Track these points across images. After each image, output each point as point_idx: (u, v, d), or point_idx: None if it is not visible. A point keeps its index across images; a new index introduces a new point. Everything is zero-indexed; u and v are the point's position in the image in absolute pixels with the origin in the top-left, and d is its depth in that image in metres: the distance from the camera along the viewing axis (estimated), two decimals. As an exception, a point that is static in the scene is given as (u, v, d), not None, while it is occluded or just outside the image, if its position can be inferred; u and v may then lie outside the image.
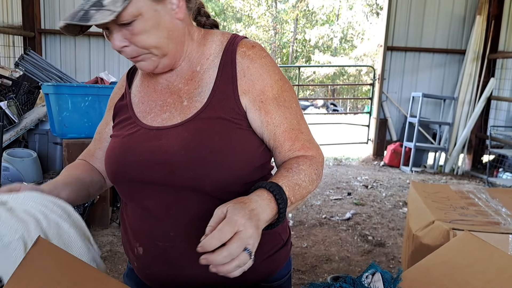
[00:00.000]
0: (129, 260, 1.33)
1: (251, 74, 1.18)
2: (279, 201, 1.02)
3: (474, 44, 7.80)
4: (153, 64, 1.18)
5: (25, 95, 4.83)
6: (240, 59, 1.19)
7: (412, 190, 2.43)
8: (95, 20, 1.03)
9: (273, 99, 1.19)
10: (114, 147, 1.25)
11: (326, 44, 25.85)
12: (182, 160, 1.12)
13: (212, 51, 1.23)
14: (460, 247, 1.21)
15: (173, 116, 1.19)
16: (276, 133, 1.18)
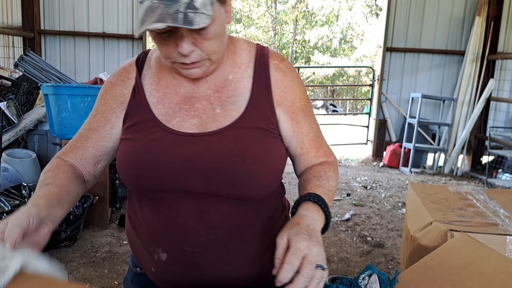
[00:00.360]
0: (142, 264, 1.29)
1: (284, 87, 1.24)
2: (324, 209, 1.13)
3: (473, 45, 7.80)
4: (204, 71, 1.16)
5: (24, 95, 4.84)
6: (274, 71, 1.24)
7: (411, 191, 2.43)
8: (197, 24, 0.98)
9: (301, 110, 1.27)
10: (136, 152, 1.17)
11: (326, 45, 25.87)
12: (225, 169, 1.12)
13: (243, 60, 1.25)
14: (456, 249, 1.21)
15: (205, 122, 1.17)
16: (304, 142, 1.28)
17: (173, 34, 1.05)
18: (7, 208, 3.42)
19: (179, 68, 1.14)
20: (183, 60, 1.09)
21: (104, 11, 7.72)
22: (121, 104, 1.25)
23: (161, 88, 1.23)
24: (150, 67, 1.28)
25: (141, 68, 1.28)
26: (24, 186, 3.66)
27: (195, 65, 1.12)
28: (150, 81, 1.25)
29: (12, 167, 4.14)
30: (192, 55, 1.09)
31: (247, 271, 1.23)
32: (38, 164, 4.44)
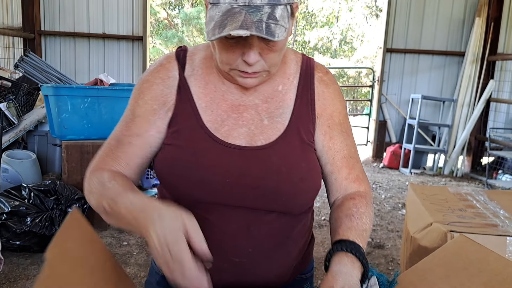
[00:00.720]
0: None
1: (324, 99, 1.23)
2: (362, 260, 1.07)
3: (473, 46, 7.80)
4: (259, 81, 1.13)
5: (24, 96, 4.84)
6: (317, 83, 1.23)
7: (411, 192, 2.43)
8: (277, 36, 0.95)
9: (338, 124, 1.24)
10: (185, 161, 1.12)
11: (326, 46, 25.85)
12: (275, 186, 1.12)
13: (291, 71, 1.23)
14: (455, 250, 1.21)
15: (253, 133, 1.15)
16: (335, 159, 1.23)
17: (241, 41, 1.02)
18: (7, 209, 3.42)
19: (236, 75, 1.10)
20: (245, 69, 1.06)
21: (104, 12, 7.73)
22: (164, 105, 1.18)
23: (209, 93, 1.18)
24: (194, 67, 1.21)
25: (183, 66, 1.21)
26: (24, 187, 3.66)
27: (254, 75, 1.09)
28: (197, 83, 1.19)
29: (12, 168, 4.14)
30: (256, 65, 1.06)
31: (283, 276, 1.26)
32: (38, 165, 4.44)
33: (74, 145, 3.97)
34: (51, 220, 3.55)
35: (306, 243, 1.33)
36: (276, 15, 0.96)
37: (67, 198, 3.71)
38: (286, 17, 0.99)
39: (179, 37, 20.99)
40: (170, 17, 23.29)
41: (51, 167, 4.74)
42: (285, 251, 1.23)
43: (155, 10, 20.82)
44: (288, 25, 1.00)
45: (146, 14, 7.77)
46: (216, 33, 0.96)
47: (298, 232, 1.25)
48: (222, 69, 1.12)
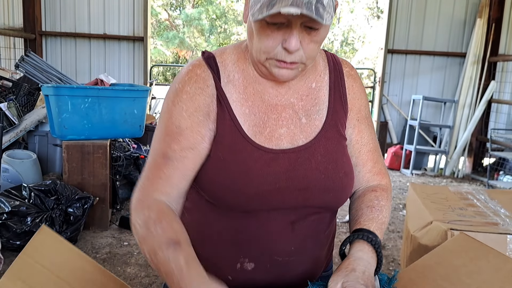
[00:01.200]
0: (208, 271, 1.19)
1: (354, 93, 1.25)
2: (378, 250, 1.09)
3: (474, 47, 7.79)
4: (294, 75, 1.11)
5: (25, 96, 4.84)
6: (346, 78, 1.25)
7: (411, 191, 2.43)
8: (325, 20, 0.96)
9: (366, 118, 1.27)
10: (233, 175, 1.09)
11: (327, 47, 25.85)
12: (323, 184, 1.13)
13: (321, 67, 1.24)
14: (455, 248, 1.21)
15: (293, 133, 1.15)
16: (362, 151, 1.25)
17: (283, 28, 1.01)
18: (7, 208, 3.42)
19: (272, 66, 1.08)
20: (284, 57, 1.04)
21: (105, 12, 7.74)
22: (208, 116, 1.13)
23: (249, 97, 1.15)
24: (229, 73, 1.17)
25: (217, 74, 1.16)
26: (25, 187, 3.66)
27: (291, 66, 1.06)
28: (236, 90, 1.16)
29: (12, 168, 4.14)
30: (295, 53, 1.04)
31: (318, 271, 1.29)
32: (38, 165, 4.44)
33: (74, 145, 3.97)
34: (52, 220, 3.55)
35: (332, 239, 1.37)
36: (324, 2, 0.96)
37: (68, 198, 3.71)
38: (331, 6, 0.99)
39: (180, 38, 21.01)
40: (171, 18, 23.30)
41: (52, 167, 4.74)
42: (321, 248, 1.25)
43: (156, 11, 20.84)
44: (333, 14, 1.01)
45: (147, 15, 7.78)
46: (264, 11, 0.96)
47: (332, 228, 1.28)
48: (258, 59, 1.09)
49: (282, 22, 0.99)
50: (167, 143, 1.12)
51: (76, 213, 3.69)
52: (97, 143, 4.00)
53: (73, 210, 3.69)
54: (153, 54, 19.93)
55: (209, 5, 22.05)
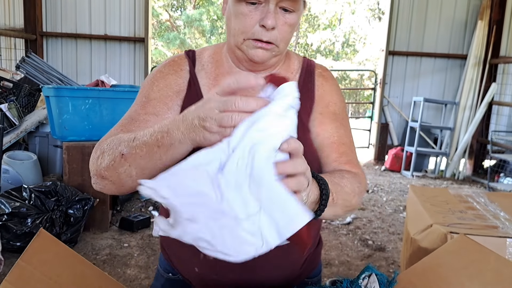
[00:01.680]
0: (181, 267, 1.27)
1: (323, 90, 1.32)
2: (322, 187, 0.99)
3: (475, 49, 7.80)
4: (268, 57, 1.19)
5: (25, 97, 4.84)
6: (317, 77, 1.34)
7: (411, 193, 2.43)
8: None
9: (332, 113, 1.31)
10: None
11: (328, 49, 25.86)
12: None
13: (295, 67, 1.34)
14: (455, 250, 1.21)
15: None
16: (324, 143, 1.27)
17: (260, 7, 1.11)
18: (7, 210, 3.42)
19: (249, 46, 1.16)
20: (262, 35, 1.13)
21: (106, 13, 7.75)
22: (178, 94, 1.23)
23: (219, 83, 1.24)
24: (203, 64, 1.29)
25: (193, 63, 1.28)
26: (25, 188, 3.66)
27: (267, 46, 1.15)
28: (207, 76, 1.27)
29: (13, 169, 4.15)
30: (271, 32, 1.13)
31: (290, 271, 1.27)
32: (39, 166, 4.44)
33: (75, 146, 3.97)
34: (52, 221, 3.55)
35: (314, 245, 1.36)
36: None
37: (68, 200, 3.71)
38: None
39: (181, 39, 21.00)
40: (172, 19, 23.31)
41: (52, 168, 4.74)
42: (293, 249, 1.24)
43: (157, 12, 20.85)
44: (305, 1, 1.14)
45: (148, 15, 7.78)
46: None
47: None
48: (235, 42, 1.18)
49: (259, 1, 1.10)
50: (134, 109, 1.21)
51: (76, 215, 3.69)
52: (98, 144, 3.99)
53: (73, 211, 3.69)
54: (154, 55, 19.94)
55: (210, 6, 22.05)
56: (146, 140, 0.96)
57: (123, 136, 1.03)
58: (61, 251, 1.12)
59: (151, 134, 0.95)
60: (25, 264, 0.97)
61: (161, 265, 1.39)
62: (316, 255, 1.38)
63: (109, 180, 1.04)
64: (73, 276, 1.07)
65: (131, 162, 0.99)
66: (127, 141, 1.00)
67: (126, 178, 1.02)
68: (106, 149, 1.04)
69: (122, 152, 0.99)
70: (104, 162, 1.03)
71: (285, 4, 1.11)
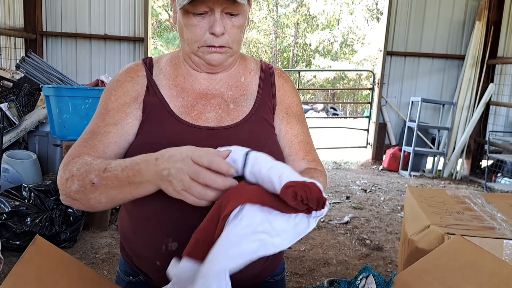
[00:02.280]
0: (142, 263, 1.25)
1: (284, 90, 1.40)
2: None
3: (473, 50, 7.82)
4: (225, 59, 1.26)
5: (25, 97, 4.86)
6: (277, 78, 1.40)
7: (408, 194, 2.44)
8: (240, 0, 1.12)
9: (295, 114, 1.39)
10: (155, 142, 1.16)
11: (327, 49, 25.87)
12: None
13: (252, 67, 1.40)
14: (452, 251, 1.22)
15: (220, 116, 1.27)
16: (293, 142, 1.35)
17: (206, 16, 1.17)
18: (7, 209, 3.43)
19: (204, 53, 1.22)
20: (213, 42, 1.19)
21: (106, 13, 7.75)
22: (136, 99, 1.26)
23: (179, 84, 1.30)
24: (161, 67, 1.33)
25: (150, 69, 1.32)
26: (25, 187, 3.68)
27: (221, 50, 1.21)
28: (166, 78, 1.31)
29: (12, 168, 4.16)
30: (222, 37, 1.19)
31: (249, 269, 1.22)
32: (38, 165, 4.45)
33: (74, 145, 3.98)
34: (51, 220, 3.56)
35: None
36: None
37: (68, 199, 3.72)
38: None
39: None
40: (171, 18, 23.28)
41: (52, 168, 4.75)
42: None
43: (156, 12, 20.83)
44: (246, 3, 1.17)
45: (148, 15, 7.79)
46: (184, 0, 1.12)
47: None
48: (190, 50, 1.24)
49: (205, 11, 1.16)
50: (94, 122, 1.24)
51: (75, 214, 3.70)
52: (97, 144, 4.01)
53: (72, 210, 3.70)
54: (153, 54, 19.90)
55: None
56: (117, 174, 1.02)
57: (93, 163, 1.08)
58: (57, 257, 1.11)
59: (122, 169, 1.02)
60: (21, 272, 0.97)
61: (120, 268, 1.37)
62: (278, 254, 1.33)
63: (79, 202, 1.10)
64: (70, 282, 1.07)
65: (102, 191, 1.05)
66: (98, 170, 1.05)
67: (96, 204, 1.08)
68: (75, 173, 1.08)
69: (92, 181, 1.04)
70: (74, 186, 1.07)
71: (230, 9, 1.17)
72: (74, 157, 1.14)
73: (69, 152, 1.19)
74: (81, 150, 1.17)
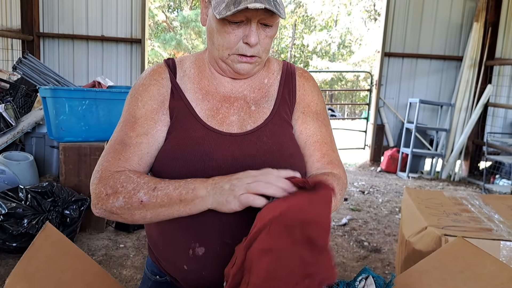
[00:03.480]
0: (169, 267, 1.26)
1: (304, 89, 1.39)
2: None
3: (471, 51, 7.83)
4: (253, 68, 1.27)
5: (22, 98, 4.84)
6: (298, 78, 1.40)
7: (406, 196, 2.44)
8: (282, 14, 1.13)
9: (314, 113, 1.37)
10: (185, 149, 1.19)
11: (324, 50, 25.89)
12: (267, 163, 1.19)
13: (275, 68, 1.41)
14: (452, 253, 1.21)
15: (243, 119, 1.28)
16: (308, 142, 1.33)
17: (242, 25, 1.16)
18: (3, 210, 3.42)
19: (234, 61, 1.22)
20: (246, 51, 1.19)
21: (103, 14, 7.74)
22: (162, 104, 1.27)
23: (204, 87, 1.31)
24: (185, 70, 1.34)
25: (173, 71, 1.33)
26: (21, 189, 3.66)
27: (251, 60, 1.22)
28: (191, 81, 1.32)
29: (9, 169, 4.14)
30: (255, 47, 1.19)
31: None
32: (35, 167, 4.43)
33: (71, 147, 3.97)
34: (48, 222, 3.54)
35: None
36: (278, 0, 1.13)
37: (64, 200, 3.71)
38: (282, 4, 1.15)
39: (177, 40, 20.99)
40: (168, 19, 23.30)
41: (48, 169, 4.73)
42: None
43: (153, 13, 20.83)
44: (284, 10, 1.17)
45: (145, 16, 7.78)
46: (231, 8, 1.09)
47: None
48: (220, 55, 1.24)
49: (241, 20, 1.15)
50: (124, 132, 1.23)
51: (72, 215, 3.69)
52: (94, 145, 4.00)
53: (69, 212, 3.69)
54: (150, 56, 19.90)
55: (207, 7, 22.00)
56: (169, 193, 1.06)
57: (140, 182, 1.10)
58: (65, 247, 1.13)
59: (175, 188, 1.06)
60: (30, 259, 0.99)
61: (148, 268, 1.40)
62: None
63: (120, 216, 1.11)
64: (75, 273, 1.08)
65: (149, 208, 1.08)
66: (147, 189, 1.08)
67: (140, 219, 1.11)
68: (120, 190, 1.10)
69: (141, 199, 1.07)
70: (118, 203, 1.09)
71: (266, 21, 1.17)
72: (113, 172, 1.15)
73: (103, 164, 1.18)
74: (117, 163, 1.17)
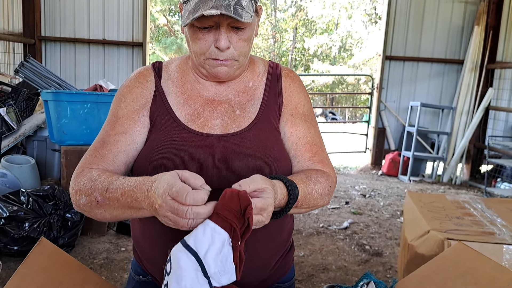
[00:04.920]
0: (151, 267, 1.28)
1: (291, 91, 1.37)
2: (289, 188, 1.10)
3: (472, 54, 7.83)
4: (232, 72, 1.26)
5: (24, 101, 4.84)
6: (284, 78, 1.38)
7: (408, 199, 2.44)
8: (244, 18, 1.12)
9: (302, 114, 1.36)
10: (162, 150, 1.20)
11: (325, 53, 25.89)
12: (248, 166, 1.19)
13: (260, 70, 1.39)
14: (453, 257, 1.21)
15: (226, 123, 1.27)
16: (298, 144, 1.32)
17: (212, 30, 1.17)
18: (5, 214, 3.42)
19: (210, 65, 1.22)
20: (218, 55, 1.19)
21: (104, 18, 7.75)
22: (144, 105, 1.29)
23: (186, 91, 1.31)
24: (170, 73, 1.35)
25: (159, 74, 1.34)
26: (23, 192, 3.66)
27: (226, 63, 1.21)
28: (174, 85, 1.32)
29: (10, 173, 4.14)
30: (228, 51, 1.19)
31: (258, 272, 1.27)
32: (37, 170, 4.44)
33: (73, 150, 3.98)
34: (49, 225, 3.55)
35: (286, 249, 1.37)
36: (242, 3, 1.13)
37: (66, 204, 3.71)
38: (251, 7, 1.16)
39: (178, 44, 21.02)
40: (169, 23, 23.33)
41: (50, 172, 4.73)
42: (260, 243, 1.25)
43: (154, 17, 20.86)
44: (253, 16, 1.17)
45: (146, 20, 7.79)
46: (190, 16, 1.11)
47: (274, 224, 1.20)
48: (198, 61, 1.25)
49: (211, 25, 1.16)
50: (105, 130, 1.28)
51: (74, 219, 3.69)
52: (96, 148, 4.00)
53: (71, 215, 3.69)
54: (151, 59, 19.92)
55: (208, 11, 22.02)
56: (118, 198, 1.06)
57: (97, 180, 1.11)
58: (61, 259, 1.13)
59: (122, 193, 1.05)
60: (26, 271, 0.98)
61: (132, 268, 1.42)
62: (287, 260, 1.38)
63: (88, 213, 1.15)
64: (73, 284, 1.08)
65: (105, 209, 1.10)
66: (101, 190, 1.09)
67: (102, 218, 1.13)
68: (82, 188, 1.13)
69: (97, 199, 1.09)
70: (82, 200, 1.13)
71: (235, 24, 1.16)
72: (84, 169, 1.18)
73: (81, 161, 1.23)
74: (92, 160, 1.21)
